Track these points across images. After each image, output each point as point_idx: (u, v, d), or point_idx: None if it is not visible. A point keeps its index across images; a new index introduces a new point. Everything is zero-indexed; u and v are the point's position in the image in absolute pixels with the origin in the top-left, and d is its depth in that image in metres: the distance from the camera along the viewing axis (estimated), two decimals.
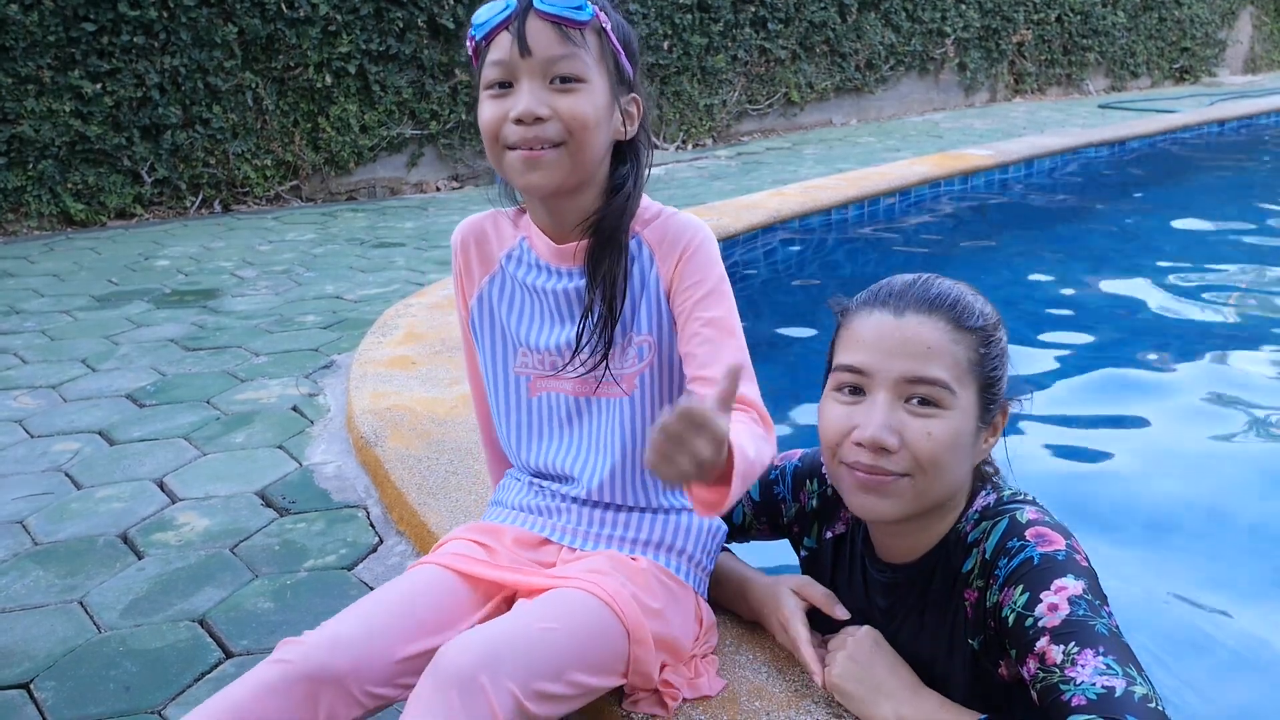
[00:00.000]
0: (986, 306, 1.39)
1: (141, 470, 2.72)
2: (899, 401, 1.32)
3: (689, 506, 1.53)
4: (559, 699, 1.30)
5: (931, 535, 1.42)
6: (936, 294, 1.36)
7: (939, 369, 1.31)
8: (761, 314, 4.70)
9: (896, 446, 1.31)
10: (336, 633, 1.33)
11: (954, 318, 1.34)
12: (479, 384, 1.67)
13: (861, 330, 1.37)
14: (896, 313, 1.35)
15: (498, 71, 1.38)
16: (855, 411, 1.34)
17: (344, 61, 7.19)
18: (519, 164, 1.39)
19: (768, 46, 9.95)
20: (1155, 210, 6.78)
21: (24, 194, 6.31)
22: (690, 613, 1.51)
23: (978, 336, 1.35)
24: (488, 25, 1.38)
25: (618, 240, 1.46)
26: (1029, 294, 4.76)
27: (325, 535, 2.34)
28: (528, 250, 1.55)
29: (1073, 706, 1.14)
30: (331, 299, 4.48)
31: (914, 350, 1.32)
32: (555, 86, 1.37)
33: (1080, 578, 1.25)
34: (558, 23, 1.36)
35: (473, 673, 1.21)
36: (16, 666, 1.88)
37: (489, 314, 1.59)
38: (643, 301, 1.48)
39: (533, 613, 1.34)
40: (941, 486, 1.35)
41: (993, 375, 1.36)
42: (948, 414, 1.32)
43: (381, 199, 7.52)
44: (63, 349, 3.84)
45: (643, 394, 1.51)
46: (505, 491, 1.64)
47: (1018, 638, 1.25)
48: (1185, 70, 14.72)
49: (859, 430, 1.33)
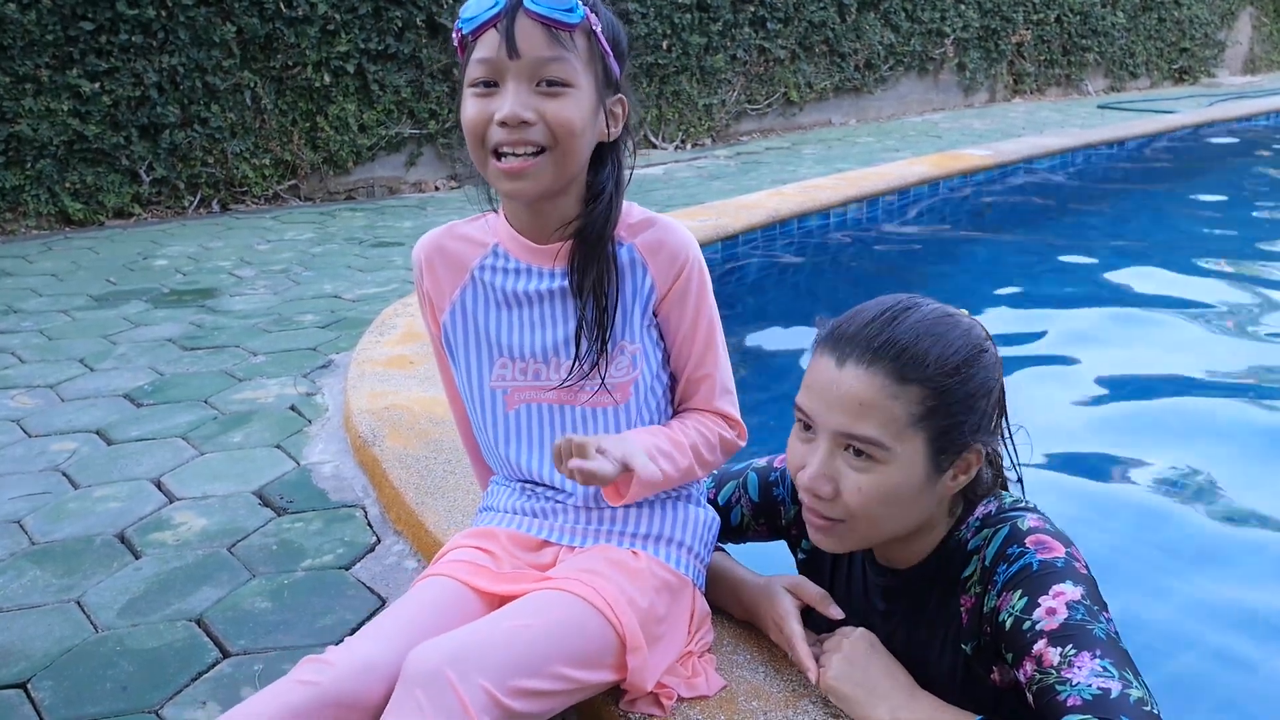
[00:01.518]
0: (949, 349, 1.30)
1: (139, 470, 2.71)
2: (838, 450, 1.32)
3: (668, 493, 1.56)
4: (546, 694, 1.30)
5: (926, 544, 1.42)
6: (884, 341, 1.30)
7: (871, 427, 1.28)
8: (760, 314, 4.70)
9: (830, 494, 1.32)
10: (369, 659, 1.29)
11: (896, 370, 1.28)
12: (458, 399, 1.66)
13: (812, 373, 1.36)
14: (839, 362, 1.31)
15: (483, 70, 1.36)
16: (808, 450, 1.36)
17: (343, 61, 7.19)
18: (503, 174, 1.38)
19: (767, 46, 9.95)
20: (1154, 210, 6.78)
21: (22, 193, 6.31)
22: (687, 607, 1.52)
23: (925, 390, 1.28)
24: (475, 21, 1.36)
25: (603, 248, 1.45)
26: (1027, 294, 4.76)
27: (323, 535, 2.34)
28: (503, 255, 1.52)
29: (1068, 706, 1.15)
30: (330, 298, 4.48)
31: (848, 406, 1.30)
32: (541, 90, 1.35)
33: (1079, 584, 1.26)
34: (548, 24, 1.34)
35: (437, 669, 1.21)
36: (14, 666, 1.87)
37: (466, 325, 1.55)
38: (635, 311, 1.48)
39: (506, 613, 1.34)
40: (888, 529, 1.35)
41: (947, 424, 1.30)
42: (881, 468, 1.30)
43: (380, 198, 7.52)
44: (60, 348, 3.84)
45: (636, 402, 1.51)
46: (495, 497, 1.62)
47: (1015, 641, 1.25)
48: (1184, 71, 14.73)
49: (803, 472, 1.35)
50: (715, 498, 1.72)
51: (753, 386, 3.80)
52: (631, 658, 1.37)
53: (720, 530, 1.72)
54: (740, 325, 4.38)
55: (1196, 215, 6.59)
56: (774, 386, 3.79)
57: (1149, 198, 7.24)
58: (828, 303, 4.91)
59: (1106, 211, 6.73)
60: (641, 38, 8.88)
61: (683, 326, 1.52)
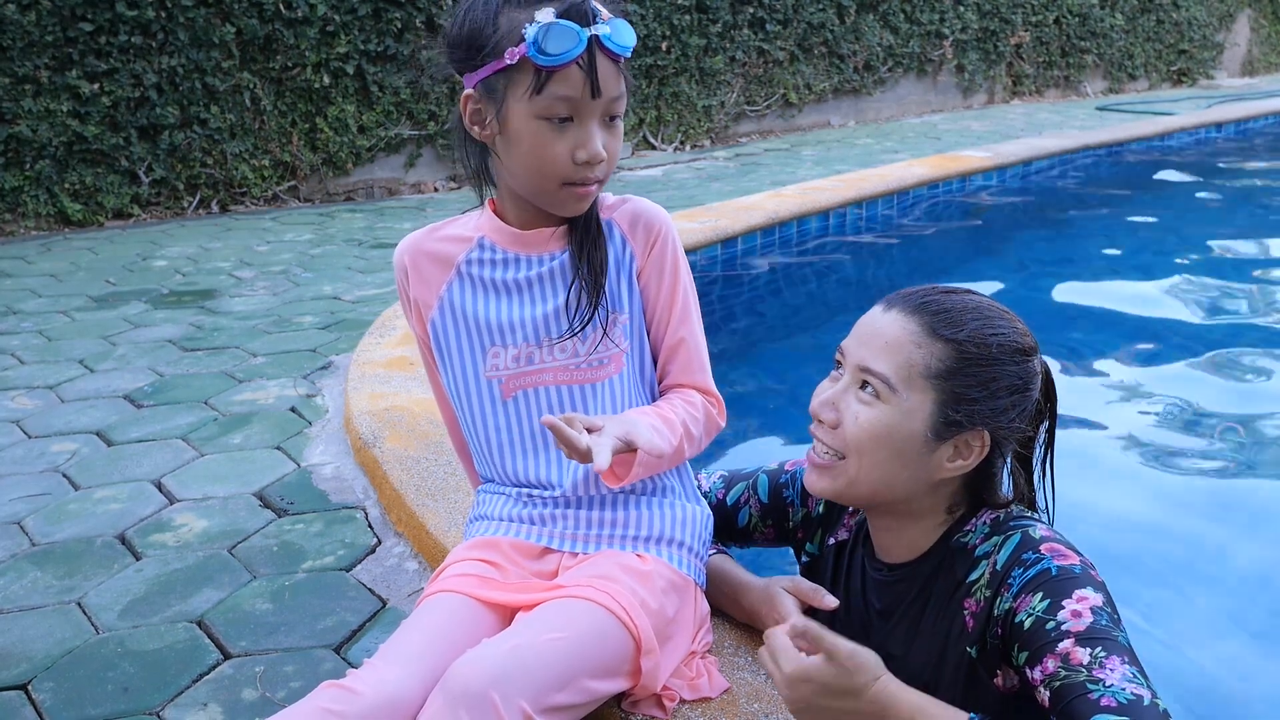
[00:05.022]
0: (990, 330, 1.36)
1: (139, 471, 2.71)
2: (855, 386, 1.40)
3: (663, 493, 1.57)
4: (569, 708, 1.31)
5: (921, 536, 1.43)
6: (930, 300, 1.39)
7: (885, 365, 1.37)
8: (759, 315, 4.71)
9: (833, 422, 1.40)
10: (396, 692, 1.27)
11: (930, 325, 1.36)
12: (446, 403, 1.67)
13: (860, 320, 1.44)
14: (886, 308, 1.42)
15: (564, 107, 1.37)
16: (828, 385, 1.45)
17: (342, 62, 7.19)
18: (573, 200, 1.45)
19: (766, 48, 9.96)
20: (1154, 211, 6.79)
21: (21, 194, 6.31)
22: (692, 607, 1.53)
23: (951, 349, 1.35)
24: (561, 59, 1.33)
25: (595, 221, 1.53)
26: (1026, 295, 4.77)
27: (323, 536, 2.34)
28: (490, 247, 1.55)
29: (1102, 706, 1.14)
30: (329, 299, 4.48)
31: (873, 342, 1.39)
32: (605, 124, 1.41)
33: (1099, 591, 1.27)
34: (616, 60, 1.39)
35: (483, 689, 1.21)
36: (14, 668, 1.87)
37: (455, 320, 1.56)
38: (621, 282, 1.53)
39: (537, 625, 1.34)
40: (874, 478, 1.39)
41: (960, 393, 1.35)
42: (882, 407, 1.37)
43: (379, 199, 7.52)
44: (60, 349, 3.84)
45: (629, 373, 1.54)
46: (488, 506, 1.60)
47: (1035, 640, 1.25)
48: (1183, 73, 14.74)
49: (814, 400, 1.44)
50: (724, 498, 1.73)
51: (752, 386, 3.80)
52: (645, 660, 1.38)
53: (726, 532, 1.73)
54: (739, 326, 4.39)
55: (1196, 215, 6.59)
56: (773, 386, 3.79)
57: (1148, 198, 7.24)
58: (827, 304, 4.92)
59: (1105, 213, 6.73)
60: (641, 39, 8.88)
61: (661, 293, 1.56)
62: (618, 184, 7.32)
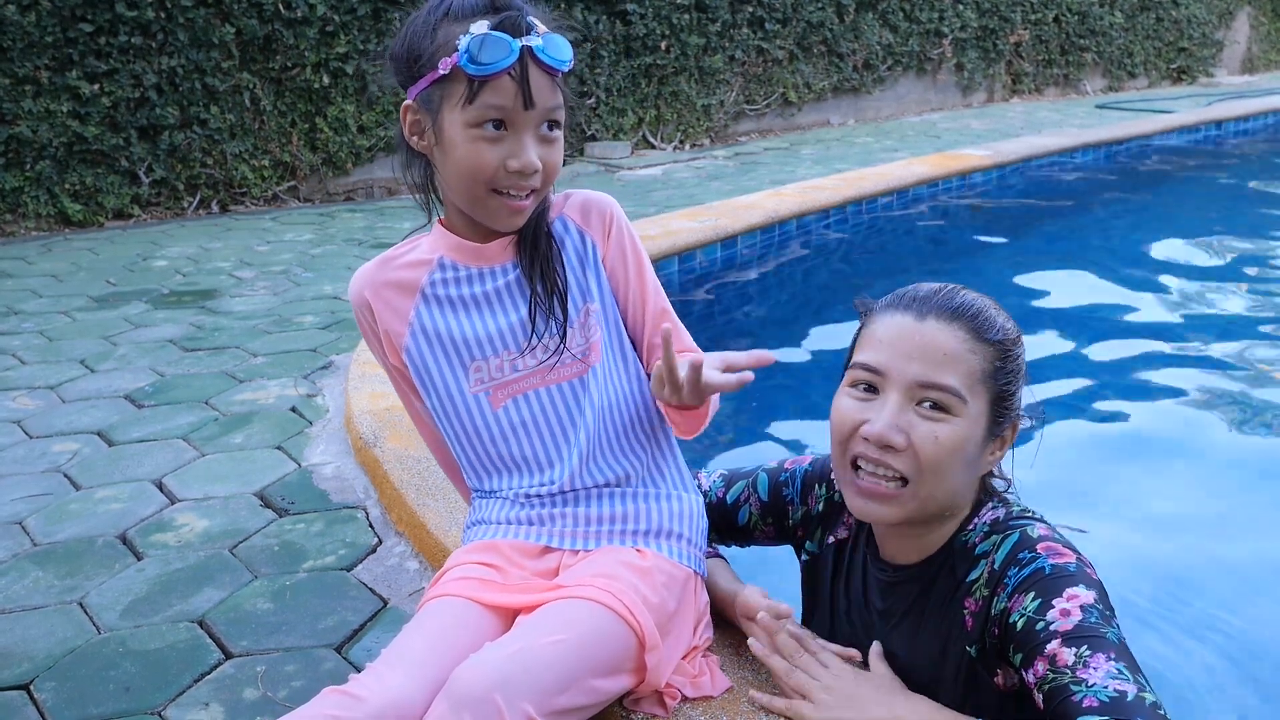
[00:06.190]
0: (1008, 322, 1.40)
1: (140, 471, 2.72)
2: (910, 404, 1.35)
3: (658, 485, 1.58)
4: (575, 710, 1.31)
5: (935, 539, 1.43)
6: (960, 303, 1.38)
7: (952, 376, 1.33)
8: (759, 315, 4.71)
9: (903, 445, 1.33)
10: (400, 696, 1.28)
11: (974, 328, 1.36)
12: (426, 425, 1.67)
13: (882, 331, 1.39)
14: (919, 317, 1.36)
15: (495, 114, 1.40)
16: (867, 408, 1.37)
17: (341, 62, 7.19)
18: (505, 212, 1.46)
19: (765, 47, 9.96)
20: (1154, 209, 6.79)
21: (21, 195, 6.31)
22: (693, 599, 1.53)
23: (995, 349, 1.36)
24: (492, 68, 1.37)
25: (543, 229, 1.54)
26: (1026, 294, 4.77)
27: (324, 536, 2.34)
28: (450, 265, 1.56)
29: (1084, 707, 1.15)
30: (330, 299, 4.48)
31: (931, 355, 1.34)
32: (542, 134, 1.43)
33: (1091, 588, 1.27)
34: (551, 73, 1.41)
35: (487, 694, 1.21)
36: (16, 667, 1.88)
37: (431, 342, 1.56)
38: (588, 273, 1.56)
39: (540, 627, 1.34)
40: (942, 493, 1.36)
41: (1006, 389, 1.37)
42: (956, 420, 1.34)
43: (379, 199, 7.52)
44: (61, 350, 3.84)
45: (610, 359, 1.55)
46: (485, 511, 1.60)
47: (1026, 641, 1.26)
48: (1183, 70, 14.74)
49: (868, 425, 1.35)
50: (724, 497, 1.73)
51: (751, 386, 3.79)
52: (649, 656, 1.38)
53: (727, 531, 1.73)
54: (739, 325, 4.39)
55: (1195, 215, 6.59)
56: (772, 386, 3.79)
57: (1147, 197, 7.24)
58: (827, 303, 4.92)
59: (1105, 211, 6.73)
60: (640, 38, 8.89)
61: (629, 272, 1.59)
62: (618, 183, 7.33)
